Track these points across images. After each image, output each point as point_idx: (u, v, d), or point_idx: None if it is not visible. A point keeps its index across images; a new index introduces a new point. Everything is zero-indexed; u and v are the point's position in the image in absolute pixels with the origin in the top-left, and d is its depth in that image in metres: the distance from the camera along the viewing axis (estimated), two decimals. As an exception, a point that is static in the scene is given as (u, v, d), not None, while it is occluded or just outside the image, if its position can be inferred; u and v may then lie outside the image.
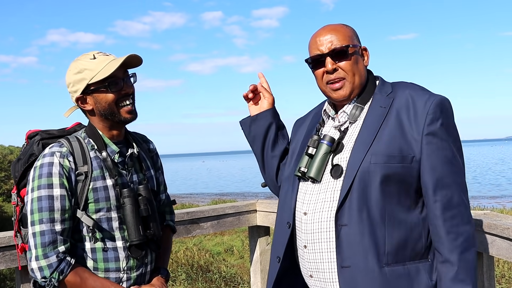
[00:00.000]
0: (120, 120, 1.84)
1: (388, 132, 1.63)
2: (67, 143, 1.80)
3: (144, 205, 1.83)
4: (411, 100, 1.65)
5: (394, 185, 1.60)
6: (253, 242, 3.40)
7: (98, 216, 1.79)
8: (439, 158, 1.60)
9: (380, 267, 1.58)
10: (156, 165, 2.10)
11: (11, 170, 1.92)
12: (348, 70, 1.72)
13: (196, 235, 3.19)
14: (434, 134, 1.60)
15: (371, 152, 1.62)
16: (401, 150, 1.60)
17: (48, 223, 1.71)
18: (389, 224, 1.59)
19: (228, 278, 7.39)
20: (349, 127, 1.74)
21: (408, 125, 1.62)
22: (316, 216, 1.68)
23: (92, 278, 1.77)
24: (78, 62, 1.83)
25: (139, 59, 1.86)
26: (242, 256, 8.99)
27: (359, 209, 1.60)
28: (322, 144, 1.72)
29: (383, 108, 1.68)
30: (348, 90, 1.73)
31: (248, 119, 2.08)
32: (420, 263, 1.63)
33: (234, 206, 3.31)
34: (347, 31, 1.75)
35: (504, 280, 6.09)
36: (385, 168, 1.59)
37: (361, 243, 1.59)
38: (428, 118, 1.60)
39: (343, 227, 1.61)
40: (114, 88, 1.80)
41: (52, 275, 1.70)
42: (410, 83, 1.77)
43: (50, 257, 1.70)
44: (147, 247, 1.88)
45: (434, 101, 1.62)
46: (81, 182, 1.77)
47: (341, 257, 1.62)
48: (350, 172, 1.63)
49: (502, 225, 2.10)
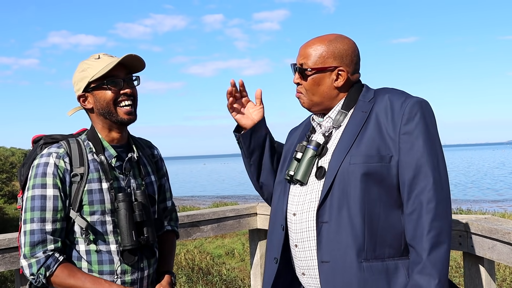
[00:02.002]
0: (117, 120, 1.84)
1: (368, 134, 1.70)
2: (65, 144, 1.82)
3: (139, 210, 1.82)
4: (389, 103, 1.72)
5: (374, 184, 1.66)
6: (254, 245, 3.40)
7: (93, 219, 1.79)
8: (413, 156, 1.64)
9: (359, 262, 1.63)
10: (160, 171, 2.10)
11: (18, 174, 1.94)
12: (307, 90, 1.83)
13: (196, 238, 3.19)
14: (410, 133, 1.65)
15: (350, 154, 1.69)
16: (379, 150, 1.67)
17: (39, 222, 1.73)
18: (369, 221, 1.64)
19: (229, 281, 7.39)
20: (333, 132, 1.82)
21: (386, 126, 1.69)
22: (304, 216, 1.76)
23: (81, 273, 1.76)
24: (84, 62, 1.87)
25: (142, 63, 1.87)
26: (242, 259, 8.98)
27: (339, 207, 1.67)
28: (308, 148, 1.81)
29: (363, 113, 1.75)
30: (306, 104, 1.86)
31: (249, 131, 2.07)
32: (400, 260, 1.67)
33: (235, 209, 3.31)
34: (325, 51, 1.79)
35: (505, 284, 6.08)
36: (364, 167, 1.65)
37: (340, 239, 1.65)
38: (404, 118, 1.66)
39: (324, 224, 1.69)
40: (113, 86, 1.82)
41: (39, 271, 1.71)
42: (391, 88, 1.83)
43: (37, 254, 1.72)
44: (141, 253, 1.87)
45: (410, 102, 1.68)
46: (76, 184, 1.78)
47: (321, 253, 1.69)
48: (330, 173, 1.71)
49: (503, 229, 2.09)
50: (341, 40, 1.81)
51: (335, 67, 1.79)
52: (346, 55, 1.80)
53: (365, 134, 1.70)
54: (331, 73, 1.80)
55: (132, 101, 1.86)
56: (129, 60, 1.84)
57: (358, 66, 1.85)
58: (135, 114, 1.88)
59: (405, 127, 1.66)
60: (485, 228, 2.18)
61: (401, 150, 1.66)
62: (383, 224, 1.66)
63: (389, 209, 1.67)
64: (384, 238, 1.66)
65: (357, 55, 1.84)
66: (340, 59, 1.79)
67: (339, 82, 1.80)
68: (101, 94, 1.82)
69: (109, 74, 1.80)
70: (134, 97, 1.87)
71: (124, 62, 1.84)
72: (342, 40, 1.81)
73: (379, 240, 1.65)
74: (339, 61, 1.79)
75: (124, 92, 1.83)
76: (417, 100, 1.70)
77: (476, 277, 2.34)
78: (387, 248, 1.66)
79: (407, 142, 1.65)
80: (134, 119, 1.87)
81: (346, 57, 1.80)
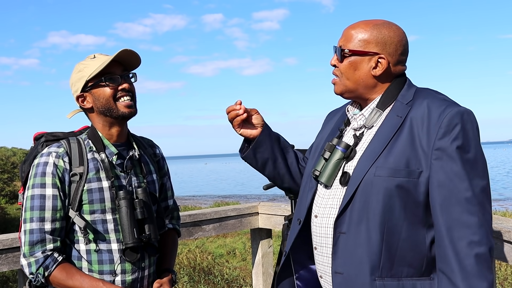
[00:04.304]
0: (119, 115, 1.84)
1: (399, 144, 1.57)
2: (65, 143, 1.83)
3: (140, 208, 1.82)
4: (427, 110, 1.56)
5: (398, 200, 1.54)
6: (255, 245, 3.41)
7: (93, 218, 1.79)
8: (447, 174, 1.50)
9: (372, 280, 1.55)
10: (162, 170, 2.10)
11: (19, 171, 1.95)
12: (342, 72, 1.70)
13: (198, 237, 3.20)
14: (444, 150, 1.50)
15: (376, 164, 1.57)
16: (409, 163, 1.53)
17: (38, 221, 1.74)
18: (388, 238, 1.55)
19: (231, 280, 7.40)
20: (364, 132, 1.69)
21: (420, 137, 1.54)
22: (324, 221, 1.69)
23: (79, 274, 1.77)
24: (80, 63, 1.88)
25: (138, 58, 1.88)
26: (244, 259, 8.99)
27: (359, 219, 1.58)
28: (337, 149, 1.69)
29: (399, 118, 1.61)
30: (339, 90, 1.72)
31: (250, 151, 1.91)
32: (419, 281, 1.57)
33: (236, 209, 3.32)
34: (368, 35, 1.65)
35: (506, 283, 6.08)
36: (389, 181, 1.54)
37: (355, 253, 1.58)
38: (440, 131, 1.51)
39: (341, 234, 1.61)
40: (111, 82, 1.83)
41: (38, 271, 1.73)
42: (433, 91, 1.68)
43: (36, 254, 1.73)
44: (143, 250, 1.87)
45: (449, 113, 1.52)
46: (76, 183, 1.79)
47: (336, 263, 1.62)
48: (353, 182, 1.60)
49: (503, 228, 2.10)
50: (387, 26, 1.66)
51: (375, 53, 1.64)
52: (390, 42, 1.65)
53: (396, 144, 1.57)
54: (370, 58, 1.65)
55: (131, 96, 1.87)
56: (125, 56, 1.85)
57: (403, 58, 1.69)
58: (135, 108, 1.88)
59: (439, 142, 1.51)
60: (486, 226, 2.19)
61: (433, 167, 1.51)
62: (404, 243, 1.55)
63: (413, 227, 1.55)
64: (404, 257, 1.55)
65: (404, 45, 1.68)
66: (383, 46, 1.64)
67: (377, 70, 1.65)
68: (100, 92, 1.83)
69: (106, 71, 1.81)
70: (132, 92, 1.88)
71: (120, 59, 1.85)
72: (389, 26, 1.66)
73: (398, 258, 1.55)
74: (381, 48, 1.64)
75: (123, 88, 1.84)
76: (458, 110, 1.52)
77: (477, 276, 2.35)
78: (406, 267, 1.55)
79: (440, 159, 1.50)
80: (135, 113, 1.88)
81: (390, 45, 1.64)
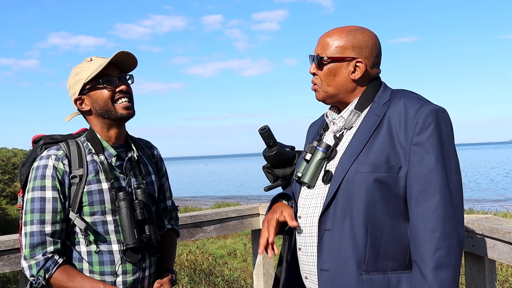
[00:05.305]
0: (117, 116, 1.86)
1: (378, 141, 1.63)
2: (65, 146, 1.84)
3: (140, 208, 1.83)
4: (404, 109, 1.63)
5: (380, 194, 1.59)
6: (256, 246, 3.41)
7: (93, 219, 1.81)
8: (423, 169, 1.56)
9: (359, 274, 1.59)
10: (160, 171, 2.11)
11: (18, 174, 1.96)
12: (322, 80, 1.75)
13: (199, 238, 3.21)
14: (421, 145, 1.57)
15: (358, 161, 1.62)
16: (389, 159, 1.60)
17: (38, 224, 1.75)
18: (372, 232, 1.59)
19: (231, 281, 7.40)
20: (344, 133, 1.75)
21: (398, 134, 1.61)
22: (308, 220, 1.73)
23: (80, 276, 1.78)
24: (77, 66, 1.90)
25: (134, 60, 1.89)
26: (245, 260, 8.99)
27: (343, 215, 1.62)
28: (318, 150, 1.75)
29: (376, 117, 1.67)
30: (320, 96, 1.78)
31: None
32: (404, 274, 1.61)
33: (237, 210, 3.32)
34: (344, 41, 1.71)
35: (507, 285, 6.08)
36: (371, 176, 1.59)
37: (341, 249, 1.61)
38: (417, 127, 1.58)
39: (326, 231, 1.65)
40: (109, 84, 1.84)
41: (39, 273, 1.74)
42: (409, 91, 1.75)
43: (37, 256, 1.75)
44: (143, 251, 1.88)
45: (425, 110, 1.59)
46: (75, 185, 1.80)
47: (322, 260, 1.65)
48: (336, 179, 1.65)
49: (503, 229, 2.11)
50: (361, 31, 1.73)
51: (353, 58, 1.71)
52: (366, 46, 1.72)
53: (375, 141, 1.63)
54: (348, 64, 1.71)
55: (128, 98, 1.88)
56: (122, 58, 1.86)
57: (378, 60, 1.76)
58: (133, 109, 1.90)
59: (417, 137, 1.57)
60: (486, 227, 2.20)
61: (411, 162, 1.58)
62: (387, 236, 1.60)
63: (395, 220, 1.61)
64: (388, 251, 1.60)
65: (378, 49, 1.75)
66: (359, 50, 1.71)
67: (356, 74, 1.72)
68: (97, 94, 1.85)
69: (103, 73, 1.83)
70: (130, 94, 1.89)
71: (117, 61, 1.86)
72: (363, 31, 1.74)
73: (382, 252, 1.60)
74: (357, 52, 1.71)
75: (120, 90, 1.86)
76: (433, 108, 1.60)
77: (477, 277, 2.36)
78: (390, 260, 1.60)
79: (417, 154, 1.57)
80: (133, 114, 1.89)
81: (366, 49, 1.72)
